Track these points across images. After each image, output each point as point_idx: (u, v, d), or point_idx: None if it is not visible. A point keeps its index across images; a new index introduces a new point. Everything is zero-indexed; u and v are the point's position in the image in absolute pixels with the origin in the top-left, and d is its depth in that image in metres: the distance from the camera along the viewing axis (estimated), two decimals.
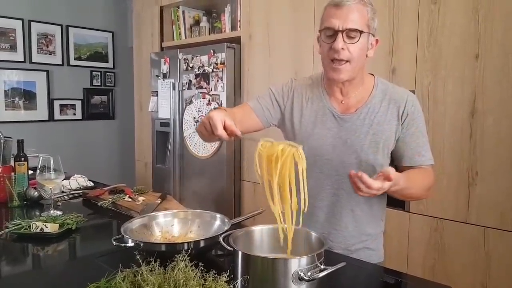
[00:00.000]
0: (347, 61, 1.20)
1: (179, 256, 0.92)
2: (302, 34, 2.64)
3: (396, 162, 1.34)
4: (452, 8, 2.04)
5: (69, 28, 4.33)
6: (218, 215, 1.49)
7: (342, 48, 1.18)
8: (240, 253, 0.94)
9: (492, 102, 1.96)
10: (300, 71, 2.68)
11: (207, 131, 1.17)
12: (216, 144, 3.05)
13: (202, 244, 1.23)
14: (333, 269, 0.89)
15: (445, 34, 2.07)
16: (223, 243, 1.08)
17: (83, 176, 2.34)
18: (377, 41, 1.27)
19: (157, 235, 1.44)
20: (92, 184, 2.32)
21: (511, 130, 1.91)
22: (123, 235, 1.28)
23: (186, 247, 1.22)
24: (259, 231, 1.10)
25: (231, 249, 0.99)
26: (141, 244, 1.22)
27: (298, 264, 0.88)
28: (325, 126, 1.33)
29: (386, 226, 1.49)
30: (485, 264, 2.01)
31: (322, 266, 0.91)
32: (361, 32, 1.18)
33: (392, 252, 2.33)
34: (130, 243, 1.24)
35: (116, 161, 4.79)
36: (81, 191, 2.17)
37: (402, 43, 2.22)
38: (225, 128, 1.13)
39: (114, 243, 1.24)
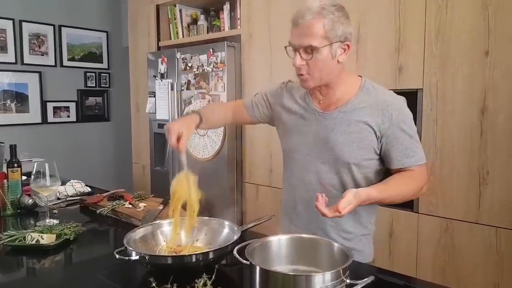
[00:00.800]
0: (307, 73, 1.28)
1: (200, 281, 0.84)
2: None
3: (386, 165, 1.35)
4: (460, 3, 1.98)
5: (62, 28, 4.23)
6: (226, 222, 1.42)
7: (302, 64, 1.26)
8: (258, 268, 0.87)
9: (503, 100, 1.90)
10: None
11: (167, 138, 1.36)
12: (217, 146, 2.98)
13: (211, 255, 1.17)
14: (363, 284, 0.83)
15: (454, 30, 2.01)
16: (238, 256, 1.00)
17: (80, 181, 2.26)
18: (348, 46, 1.27)
19: (162, 245, 1.37)
20: (89, 189, 2.24)
21: None
22: (126, 247, 1.21)
23: (194, 259, 1.15)
24: (277, 241, 1.03)
25: (247, 262, 0.92)
26: (147, 257, 1.15)
27: (322, 280, 0.81)
28: (307, 123, 1.40)
29: (394, 228, 1.46)
30: (497, 265, 1.95)
31: (348, 281, 0.84)
32: (315, 48, 1.22)
33: (401, 254, 2.27)
34: (135, 256, 1.16)
35: (112, 164, 4.70)
36: (78, 198, 2.09)
37: (409, 40, 2.16)
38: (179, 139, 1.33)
39: (117, 256, 1.17)
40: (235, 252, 1.03)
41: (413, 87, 2.16)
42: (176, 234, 1.36)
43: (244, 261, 0.95)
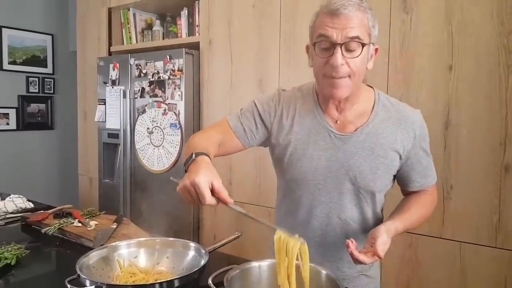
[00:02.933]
0: (347, 76, 1.05)
1: None
2: (267, 41, 2.50)
3: (401, 186, 1.26)
4: (424, 18, 2.00)
5: (3, 29, 3.89)
6: (192, 244, 1.29)
7: (342, 64, 1.03)
8: None
9: (466, 114, 1.92)
10: (265, 80, 2.54)
11: (192, 198, 0.99)
12: (173, 157, 2.82)
13: (177, 283, 1.03)
14: None
15: (418, 44, 2.02)
16: (213, 286, 0.88)
17: (21, 196, 2.03)
18: (376, 50, 1.12)
19: (119, 271, 1.21)
20: (32, 205, 2.02)
21: (485, 143, 1.88)
22: (79, 275, 1.05)
23: None
24: (256, 268, 0.91)
25: None
26: (104, 287, 1.00)
27: None
28: (319, 147, 1.16)
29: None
30: (461, 280, 1.95)
31: None
32: (363, 44, 1.03)
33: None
34: (89, 286, 1.01)
35: (56, 176, 4.35)
36: (19, 215, 1.86)
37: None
38: (213, 191, 0.97)
39: (68, 286, 1.01)
40: (210, 281, 0.90)
41: None
42: None
43: None
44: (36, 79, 4.18)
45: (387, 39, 2.10)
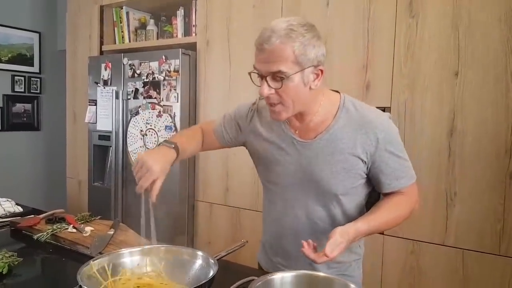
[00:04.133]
0: (279, 103, 1.12)
1: None
2: None
3: (376, 189, 1.25)
4: (431, 22, 1.97)
5: None
6: (199, 253, 1.21)
7: (271, 93, 1.10)
8: None
9: (471, 121, 1.90)
10: None
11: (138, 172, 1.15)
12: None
13: None
14: None
15: (424, 49, 1.99)
16: None
17: (10, 200, 1.93)
18: (321, 71, 1.12)
19: (122, 282, 1.13)
20: (20, 209, 1.91)
21: (490, 150, 1.86)
22: (80, 286, 0.97)
23: None
24: (279, 279, 0.85)
25: None
26: None
27: None
28: (286, 153, 1.24)
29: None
30: (464, 287, 1.93)
31: None
32: (286, 75, 1.06)
33: (365, 276, 2.16)
34: None
35: (42, 179, 4.21)
36: (8, 220, 1.76)
37: (378, 57, 2.12)
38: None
39: None
40: None
41: (380, 105, 2.11)
42: None
43: None
44: (22, 78, 4.05)
45: (392, 43, 2.07)
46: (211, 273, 1.04)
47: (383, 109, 2.06)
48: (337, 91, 1.25)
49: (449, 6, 1.92)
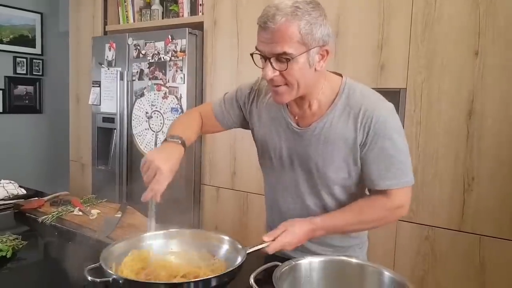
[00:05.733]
0: (284, 84, 1.07)
1: None
2: None
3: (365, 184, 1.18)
4: None
5: None
6: (226, 237, 1.13)
7: (275, 75, 1.04)
8: None
9: (491, 103, 1.82)
10: None
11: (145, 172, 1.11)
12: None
13: (214, 283, 0.89)
14: None
15: (442, 27, 1.91)
16: (255, 286, 0.76)
17: (13, 182, 1.87)
18: (327, 51, 1.06)
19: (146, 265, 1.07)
20: (24, 192, 1.86)
21: (511, 133, 1.78)
22: (100, 265, 0.91)
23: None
24: (307, 264, 0.79)
25: None
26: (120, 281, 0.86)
27: None
28: (281, 137, 1.22)
29: (370, 235, 1.33)
30: (480, 275, 1.87)
31: None
32: (292, 56, 1.01)
33: (377, 262, 2.13)
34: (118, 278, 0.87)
35: (45, 162, 4.17)
36: (11, 202, 1.71)
37: (393, 36, 2.03)
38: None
39: (88, 276, 0.87)
40: (251, 280, 0.78)
41: (395, 86, 2.04)
42: None
43: None
44: (24, 59, 3.99)
45: (408, 22, 1.98)
46: (239, 260, 0.97)
47: (399, 91, 2.02)
48: (339, 74, 1.18)
49: None
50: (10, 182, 1.88)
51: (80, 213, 1.55)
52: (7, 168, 3.56)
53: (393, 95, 2.02)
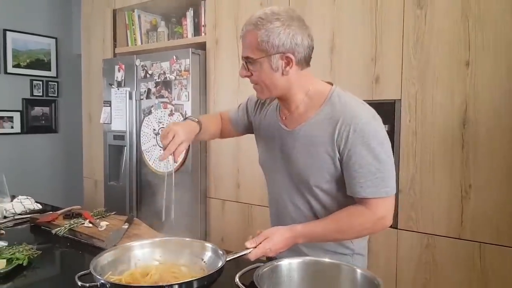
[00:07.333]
0: (256, 84, 1.22)
1: None
2: None
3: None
4: (439, 13, 1.95)
5: (7, 32, 3.88)
6: (208, 245, 1.23)
7: (247, 75, 1.21)
8: None
9: (484, 111, 1.87)
10: None
11: (164, 138, 1.23)
12: (179, 159, 2.77)
13: (195, 284, 0.97)
14: None
15: (433, 40, 1.98)
16: (240, 285, 0.83)
17: (29, 197, 1.99)
18: (289, 58, 1.15)
19: (132, 271, 1.16)
20: (40, 206, 1.97)
21: (505, 140, 1.83)
22: (90, 272, 1.00)
23: None
24: (287, 265, 0.86)
25: None
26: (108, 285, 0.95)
27: None
28: (274, 139, 1.32)
29: (372, 244, 1.38)
30: (482, 282, 1.89)
31: None
32: (251, 59, 1.17)
33: (379, 271, 2.17)
34: (102, 281, 0.96)
35: (60, 179, 4.31)
36: (28, 216, 1.82)
37: (386, 49, 2.11)
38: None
39: (78, 281, 0.96)
40: (237, 279, 0.85)
41: (390, 98, 2.10)
42: None
43: None
44: (40, 82, 4.16)
45: (400, 35, 2.06)
46: (220, 263, 1.06)
47: (394, 102, 2.08)
48: (330, 83, 1.26)
49: None
50: (27, 198, 1.99)
51: (91, 225, 1.64)
52: (25, 185, 3.69)
53: (389, 106, 2.10)
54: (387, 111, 2.10)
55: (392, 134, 2.09)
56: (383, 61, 2.12)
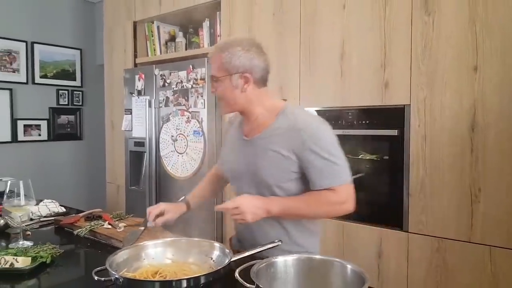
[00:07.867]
0: (221, 100, 1.42)
1: None
2: (288, 49, 2.54)
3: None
4: (447, 19, 1.99)
5: (35, 44, 4.08)
6: (217, 244, 1.31)
7: (213, 91, 1.41)
8: None
9: (493, 115, 1.89)
10: (286, 87, 2.56)
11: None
12: (196, 164, 2.87)
13: (203, 280, 1.05)
14: None
15: (441, 45, 2.01)
16: (240, 279, 0.90)
17: (54, 201, 2.11)
18: (247, 77, 1.35)
19: (145, 268, 1.24)
20: (64, 209, 2.09)
21: None
22: (106, 268, 1.09)
23: (185, 285, 1.04)
24: (283, 262, 0.93)
25: (252, 286, 0.82)
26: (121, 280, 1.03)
27: None
28: (238, 149, 1.50)
29: (382, 248, 1.43)
30: (493, 285, 1.90)
31: None
32: (216, 78, 1.37)
33: (391, 275, 2.20)
34: (117, 278, 1.04)
35: (85, 184, 4.49)
36: (52, 218, 1.93)
37: (395, 56, 2.15)
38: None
39: (94, 276, 1.05)
40: (236, 274, 0.92)
41: (399, 103, 2.14)
42: None
43: (248, 285, 0.85)
44: (66, 91, 4.35)
45: (408, 42, 2.10)
46: (226, 261, 1.14)
47: (403, 107, 2.12)
48: (284, 100, 1.50)
49: (465, 1, 1.93)
50: (52, 201, 2.12)
51: (110, 226, 1.74)
52: (52, 189, 3.86)
53: (398, 112, 2.13)
54: (396, 116, 2.14)
55: (401, 138, 2.13)
56: (392, 67, 2.16)
